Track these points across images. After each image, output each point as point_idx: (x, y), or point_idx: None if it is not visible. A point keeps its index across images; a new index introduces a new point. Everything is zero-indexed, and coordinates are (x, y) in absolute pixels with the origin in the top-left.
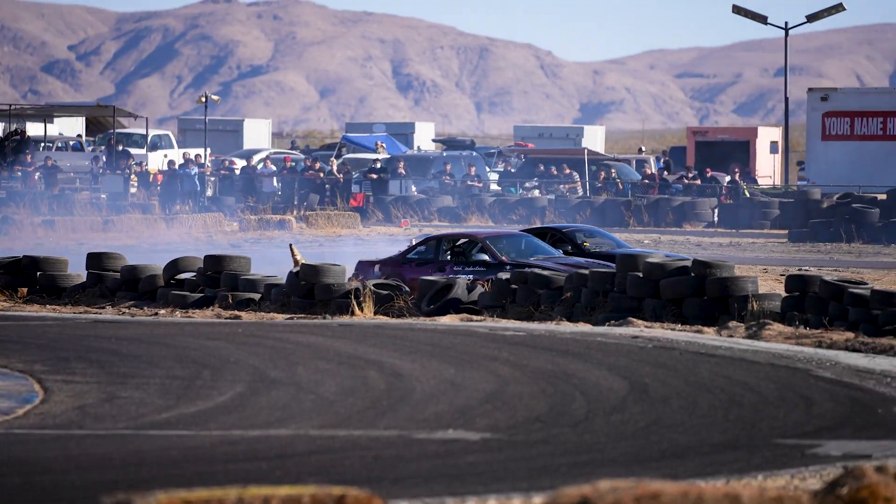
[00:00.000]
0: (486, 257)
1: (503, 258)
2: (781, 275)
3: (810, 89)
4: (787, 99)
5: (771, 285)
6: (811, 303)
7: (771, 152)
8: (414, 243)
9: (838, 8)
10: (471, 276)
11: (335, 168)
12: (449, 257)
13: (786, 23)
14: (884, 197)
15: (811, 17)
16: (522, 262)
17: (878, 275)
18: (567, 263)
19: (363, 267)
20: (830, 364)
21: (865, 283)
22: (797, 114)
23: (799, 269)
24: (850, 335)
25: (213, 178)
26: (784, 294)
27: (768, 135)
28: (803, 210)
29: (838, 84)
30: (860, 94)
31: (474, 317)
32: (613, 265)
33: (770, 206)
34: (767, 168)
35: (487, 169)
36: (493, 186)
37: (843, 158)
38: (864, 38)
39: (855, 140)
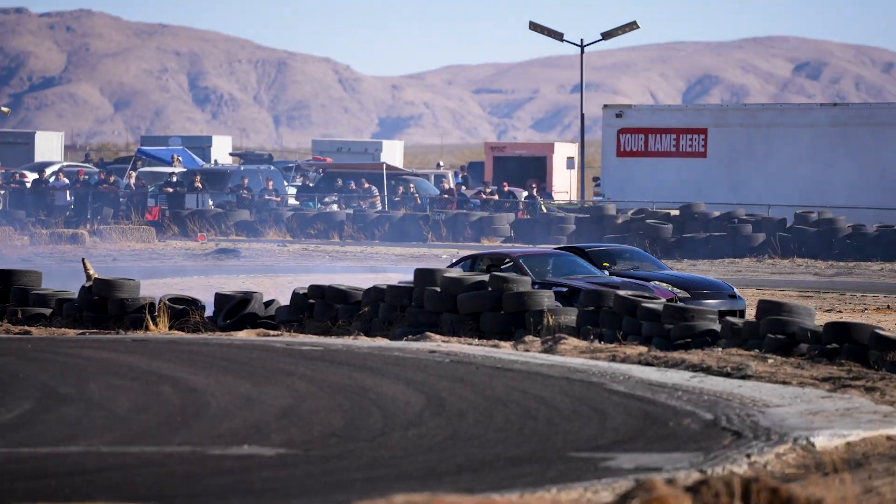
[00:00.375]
0: None
1: (532, 277)
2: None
3: (605, 106)
4: (582, 115)
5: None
6: (606, 317)
7: (567, 168)
8: (453, 262)
9: (632, 26)
10: None
11: (132, 181)
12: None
13: (581, 40)
14: (677, 213)
15: (606, 35)
16: (552, 281)
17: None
18: (598, 283)
19: None
20: (624, 378)
21: (658, 299)
22: (593, 130)
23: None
24: (644, 349)
25: (2, 192)
26: (580, 308)
27: (565, 150)
28: (599, 225)
29: (633, 101)
30: (654, 111)
31: (271, 332)
32: (648, 285)
33: (566, 220)
34: (564, 183)
35: (285, 183)
36: (291, 201)
37: (638, 174)
38: (657, 56)
39: (649, 156)
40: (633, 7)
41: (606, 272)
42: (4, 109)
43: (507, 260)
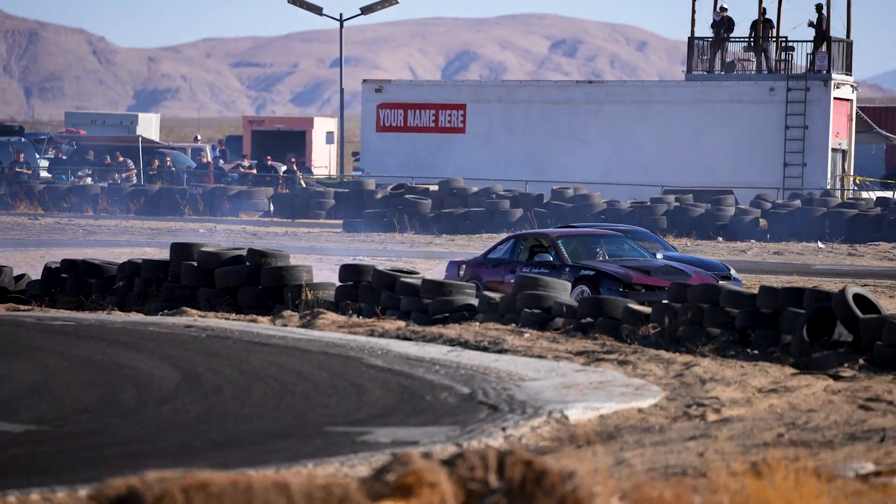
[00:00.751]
0: (549, 258)
1: (566, 259)
2: (336, 264)
3: (365, 81)
4: (342, 90)
5: (326, 275)
6: (365, 292)
7: (327, 143)
8: (496, 244)
9: (392, 1)
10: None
11: None
12: (522, 257)
13: (341, 14)
14: (436, 188)
15: (365, 10)
16: (585, 263)
17: (429, 264)
18: (634, 266)
19: (452, 267)
20: (382, 352)
21: (417, 273)
22: (353, 105)
23: (353, 259)
24: (402, 324)
25: None
26: (338, 283)
27: (324, 125)
28: (358, 200)
29: (393, 76)
30: (413, 86)
31: (21, 306)
32: (687, 270)
33: (326, 195)
34: (324, 158)
35: (37, 156)
36: (43, 174)
37: (398, 150)
38: (417, 32)
39: (409, 132)
40: None
41: (659, 255)
42: None
43: (544, 239)
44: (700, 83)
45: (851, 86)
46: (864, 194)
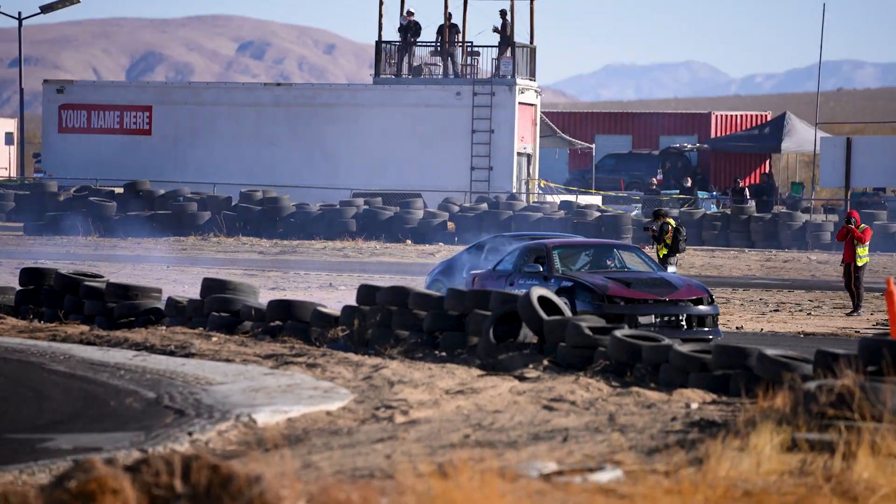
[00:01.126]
0: (541, 268)
1: (556, 270)
2: (17, 268)
3: (46, 81)
4: (21, 90)
5: (6, 279)
6: (47, 296)
7: (6, 143)
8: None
9: (72, 0)
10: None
11: None
12: (527, 268)
13: (19, 13)
14: (121, 190)
15: (45, 8)
16: (571, 275)
17: (114, 268)
18: (620, 280)
19: (470, 278)
20: (65, 357)
21: (101, 277)
22: (33, 105)
23: (34, 263)
24: (86, 328)
25: None
26: (19, 288)
27: (3, 126)
28: (40, 203)
29: (75, 77)
30: (97, 87)
31: None
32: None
33: (6, 198)
34: (3, 160)
35: None
36: None
37: (81, 151)
38: (100, 32)
39: (93, 133)
40: None
41: (672, 269)
42: None
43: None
44: (388, 87)
45: (536, 91)
46: (549, 198)
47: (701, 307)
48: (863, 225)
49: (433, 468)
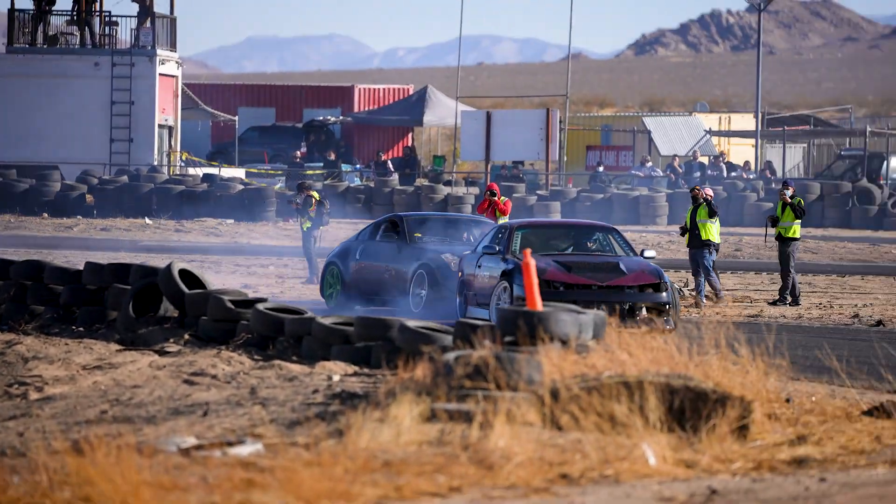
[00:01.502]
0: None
1: (513, 252)
2: None
3: None
4: None
5: None
6: None
7: None
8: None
9: None
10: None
11: None
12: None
13: None
14: None
15: None
16: (519, 257)
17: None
18: (565, 263)
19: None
20: None
21: None
22: None
23: None
24: None
25: None
26: None
27: None
28: None
29: None
30: None
31: None
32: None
33: None
34: None
35: None
36: None
37: None
38: None
39: None
40: None
41: (651, 252)
42: None
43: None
44: (23, 56)
45: (177, 62)
46: (192, 171)
47: (649, 294)
48: (504, 198)
49: (68, 445)
